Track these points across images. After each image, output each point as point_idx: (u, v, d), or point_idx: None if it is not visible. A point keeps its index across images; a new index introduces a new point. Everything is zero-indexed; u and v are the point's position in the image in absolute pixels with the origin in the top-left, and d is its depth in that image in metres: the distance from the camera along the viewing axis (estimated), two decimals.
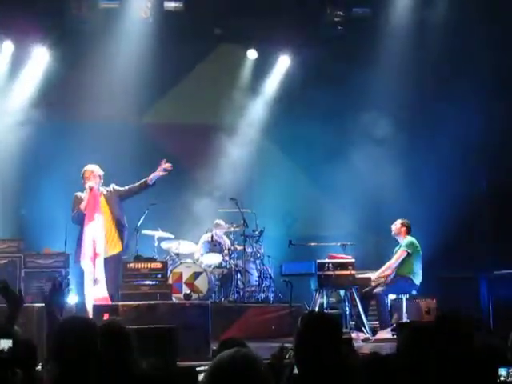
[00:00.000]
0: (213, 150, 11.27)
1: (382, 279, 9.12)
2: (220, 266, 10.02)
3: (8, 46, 10.65)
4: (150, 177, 8.58)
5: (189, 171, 11.36)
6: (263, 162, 11.60)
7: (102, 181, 8.53)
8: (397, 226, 9.22)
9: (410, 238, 9.10)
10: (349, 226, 10.87)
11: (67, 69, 10.93)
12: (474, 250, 10.49)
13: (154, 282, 8.72)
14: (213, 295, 9.69)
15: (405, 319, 8.69)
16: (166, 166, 8.52)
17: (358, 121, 10.80)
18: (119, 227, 8.56)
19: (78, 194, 8.52)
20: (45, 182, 10.62)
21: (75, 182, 8.68)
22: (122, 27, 10.58)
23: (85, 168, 8.52)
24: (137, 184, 8.66)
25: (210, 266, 9.96)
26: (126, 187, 8.68)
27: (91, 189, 8.31)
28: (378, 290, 8.85)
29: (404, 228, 9.19)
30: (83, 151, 9.98)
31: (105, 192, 8.58)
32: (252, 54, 11.68)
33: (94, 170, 8.48)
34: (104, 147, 10.07)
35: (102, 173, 8.51)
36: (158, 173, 8.56)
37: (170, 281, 9.26)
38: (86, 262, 7.96)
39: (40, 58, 10.91)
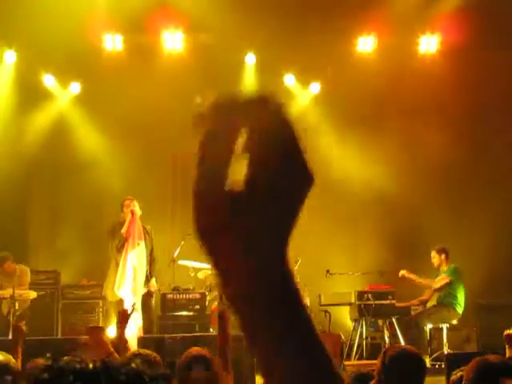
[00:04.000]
0: None
1: (418, 304, 9.12)
2: None
3: (49, 79, 11.23)
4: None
5: None
6: None
7: (141, 212, 8.55)
8: (435, 256, 9.14)
9: (453, 265, 9.02)
10: (384, 255, 10.81)
11: (100, 100, 11.12)
12: None
13: (192, 313, 8.76)
14: None
15: (445, 348, 8.63)
16: None
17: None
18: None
19: (115, 221, 8.56)
20: (81, 213, 10.76)
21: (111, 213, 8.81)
22: (156, 60, 10.77)
23: (125, 198, 8.57)
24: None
25: None
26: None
27: (132, 213, 8.25)
28: (418, 317, 8.83)
29: (443, 255, 9.11)
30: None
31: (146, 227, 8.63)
32: (287, 82, 11.60)
33: (133, 199, 8.50)
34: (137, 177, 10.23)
35: (138, 207, 8.52)
36: None
37: (208, 311, 9.26)
38: (126, 291, 7.96)
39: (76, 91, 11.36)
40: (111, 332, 8.36)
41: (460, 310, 8.88)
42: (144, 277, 8.27)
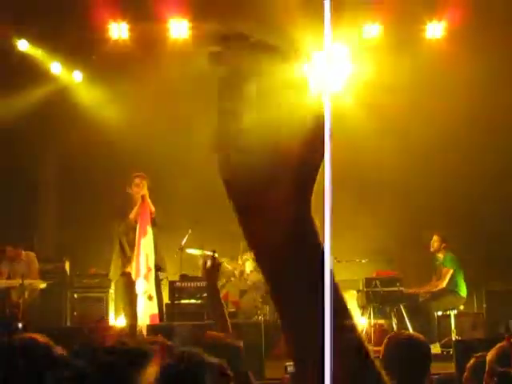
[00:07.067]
0: None
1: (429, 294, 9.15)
2: (265, 284, 9.99)
3: (57, 66, 11.16)
4: None
5: None
6: None
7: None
8: (437, 241, 9.18)
9: (451, 255, 9.08)
10: (386, 241, 10.77)
11: (105, 89, 11.13)
12: None
13: (200, 302, 8.77)
14: (258, 312, 9.67)
15: (453, 335, 8.63)
16: None
17: None
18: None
19: (124, 201, 8.18)
20: (89, 201, 10.76)
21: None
22: (163, 49, 10.76)
23: (135, 174, 8.15)
24: None
25: (255, 284, 9.95)
26: None
27: (143, 198, 7.94)
28: (426, 304, 8.85)
29: (444, 243, 9.16)
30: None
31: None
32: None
33: (144, 177, 8.11)
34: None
35: (148, 183, 8.16)
36: None
37: None
38: (140, 279, 7.90)
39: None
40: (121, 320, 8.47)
41: (463, 293, 8.95)
42: (154, 264, 8.20)
